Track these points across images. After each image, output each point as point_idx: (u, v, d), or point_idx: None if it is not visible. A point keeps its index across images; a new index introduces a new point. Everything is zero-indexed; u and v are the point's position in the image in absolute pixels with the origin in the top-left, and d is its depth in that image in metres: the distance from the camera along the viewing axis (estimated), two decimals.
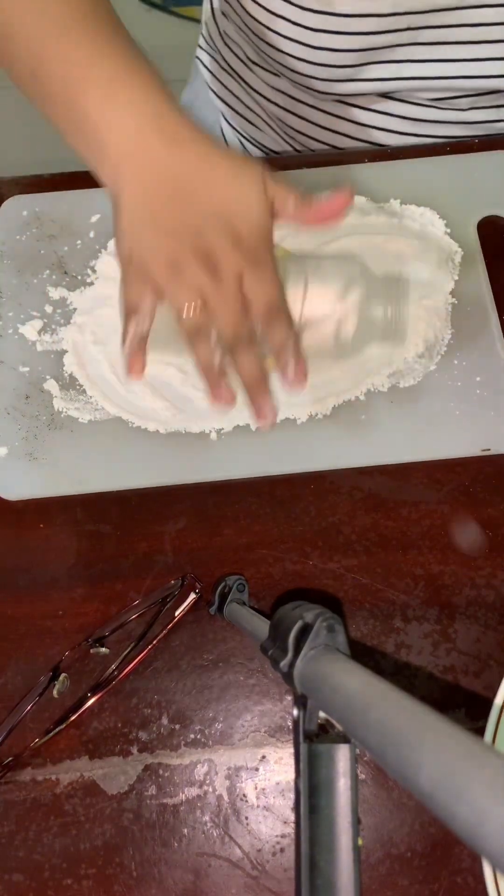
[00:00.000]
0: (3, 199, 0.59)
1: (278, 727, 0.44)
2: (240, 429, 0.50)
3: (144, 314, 0.44)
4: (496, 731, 0.39)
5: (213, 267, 0.42)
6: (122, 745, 0.44)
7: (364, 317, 0.47)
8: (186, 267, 0.42)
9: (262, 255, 0.43)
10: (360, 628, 0.46)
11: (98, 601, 0.47)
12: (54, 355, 0.53)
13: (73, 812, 0.42)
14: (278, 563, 0.47)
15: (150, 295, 0.44)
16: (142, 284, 0.43)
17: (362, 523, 0.48)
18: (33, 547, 0.48)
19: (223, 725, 0.44)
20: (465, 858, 0.41)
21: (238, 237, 0.42)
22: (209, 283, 0.42)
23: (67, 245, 0.57)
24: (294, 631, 0.32)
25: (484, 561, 0.47)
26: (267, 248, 0.44)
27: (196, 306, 0.42)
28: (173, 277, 0.42)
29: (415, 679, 0.44)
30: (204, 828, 0.42)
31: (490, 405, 0.50)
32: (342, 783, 0.28)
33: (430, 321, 0.52)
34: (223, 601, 0.44)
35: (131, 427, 0.50)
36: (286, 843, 0.42)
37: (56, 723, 0.43)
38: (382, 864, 0.41)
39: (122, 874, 0.41)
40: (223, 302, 0.43)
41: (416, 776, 0.22)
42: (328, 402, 0.50)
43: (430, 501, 0.49)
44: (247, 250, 0.43)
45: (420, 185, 0.57)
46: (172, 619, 0.45)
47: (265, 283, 0.43)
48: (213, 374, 0.44)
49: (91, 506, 0.49)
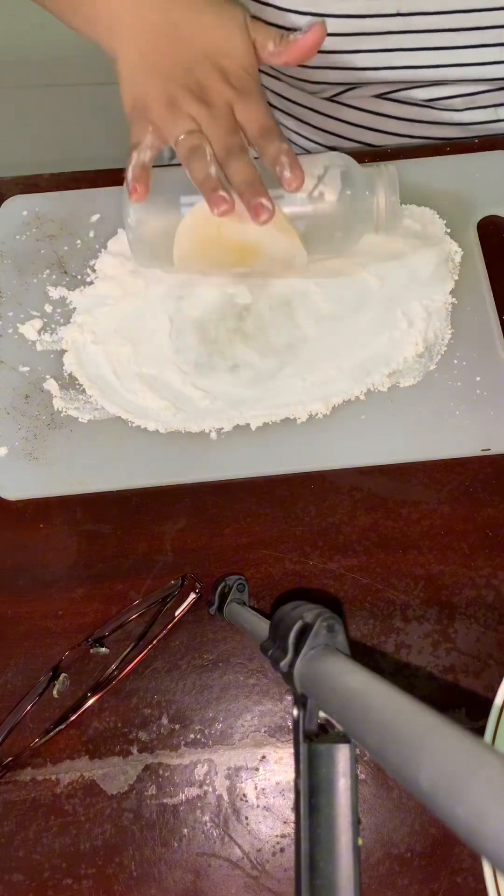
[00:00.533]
0: (3, 199, 0.59)
1: (278, 727, 0.44)
2: (240, 429, 0.50)
3: (146, 146, 0.47)
4: (496, 731, 0.39)
5: (206, 98, 0.46)
6: (121, 745, 0.44)
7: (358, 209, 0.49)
8: (182, 101, 0.46)
9: (250, 86, 0.47)
10: (359, 628, 0.46)
11: (98, 601, 0.47)
12: (54, 355, 0.53)
13: (73, 812, 0.42)
14: (278, 563, 0.47)
15: (151, 131, 0.47)
16: (144, 125, 0.47)
17: (362, 523, 0.48)
18: (33, 547, 0.48)
19: (223, 725, 0.44)
20: (465, 858, 0.41)
21: (226, 72, 0.47)
22: (203, 110, 0.46)
23: (67, 245, 0.57)
24: (294, 631, 0.32)
25: (484, 561, 0.47)
26: (254, 81, 0.47)
27: (191, 128, 0.46)
28: (171, 112, 0.46)
29: (415, 679, 0.44)
30: (204, 828, 0.42)
31: (490, 405, 0.50)
32: (342, 783, 0.28)
33: (430, 321, 0.52)
34: (223, 601, 0.44)
35: (131, 427, 0.50)
36: (286, 842, 0.41)
37: (56, 723, 0.43)
38: (382, 863, 0.41)
39: (121, 874, 0.41)
40: (215, 123, 0.46)
41: (415, 776, 0.22)
42: (328, 402, 0.50)
43: (430, 501, 0.49)
44: (236, 83, 0.46)
45: (420, 185, 0.57)
46: (172, 619, 0.45)
47: (255, 109, 0.46)
48: (210, 184, 0.45)
49: (91, 506, 0.49)
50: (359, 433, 0.49)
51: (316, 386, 0.50)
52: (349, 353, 0.51)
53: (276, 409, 0.50)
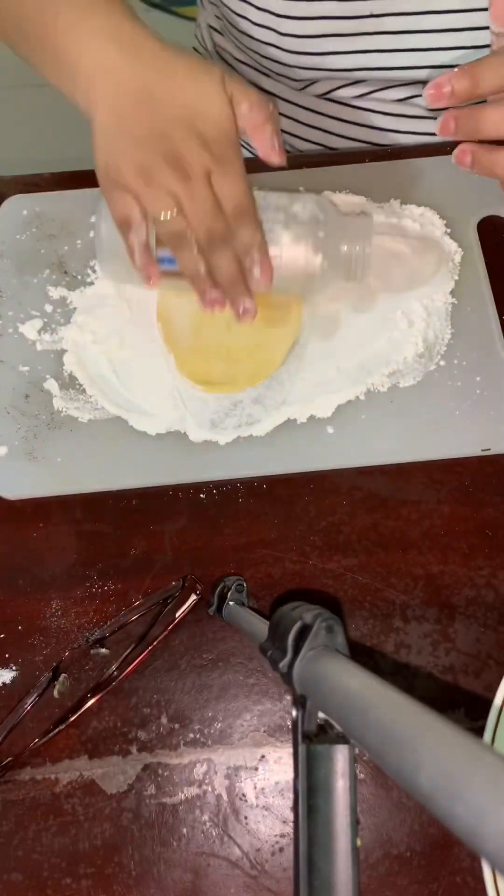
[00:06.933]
0: (3, 199, 0.59)
1: (277, 727, 0.44)
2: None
3: (139, 223, 0.45)
4: (495, 731, 0.39)
5: (182, 169, 0.44)
6: (121, 744, 0.44)
7: (329, 253, 0.47)
8: (157, 172, 0.44)
9: (227, 152, 0.44)
10: (359, 628, 0.46)
11: (98, 601, 0.47)
12: (54, 355, 0.53)
13: (73, 811, 0.42)
14: (278, 563, 0.47)
15: (134, 203, 0.45)
16: (122, 194, 0.45)
17: (362, 523, 0.48)
18: (33, 547, 0.48)
19: (222, 725, 0.44)
20: (465, 858, 0.41)
21: (203, 136, 0.44)
22: (180, 185, 0.44)
23: (67, 245, 0.57)
24: (293, 632, 0.32)
25: (484, 561, 0.47)
26: (232, 145, 0.45)
27: (171, 211, 0.44)
28: (146, 184, 0.44)
29: (414, 679, 0.44)
30: (203, 827, 0.42)
31: (490, 405, 0.50)
32: (341, 784, 0.28)
33: (430, 321, 0.52)
34: (222, 602, 0.44)
35: (131, 427, 0.50)
36: (285, 842, 0.42)
37: (56, 723, 0.43)
38: (381, 863, 0.41)
39: (121, 873, 0.41)
40: (195, 202, 0.44)
41: (415, 777, 0.22)
42: (328, 402, 0.50)
43: (430, 501, 0.49)
44: (213, 148, 0.44)
45: (420, 185, 0.57)
46: (172, 620, 0.45)
47: (233, 183, 0.44)
48: (200, 280, 0.44)
49: (91, 505, 0.49)
50: (359, 433, 0.49)
51: (316, 386, 0.50)
52: (349, 353, 0.51)
53: (277, 409, 0.50)
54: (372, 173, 0.58)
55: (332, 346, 0.52)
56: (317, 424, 0.50)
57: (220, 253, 0.44)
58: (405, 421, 0.49)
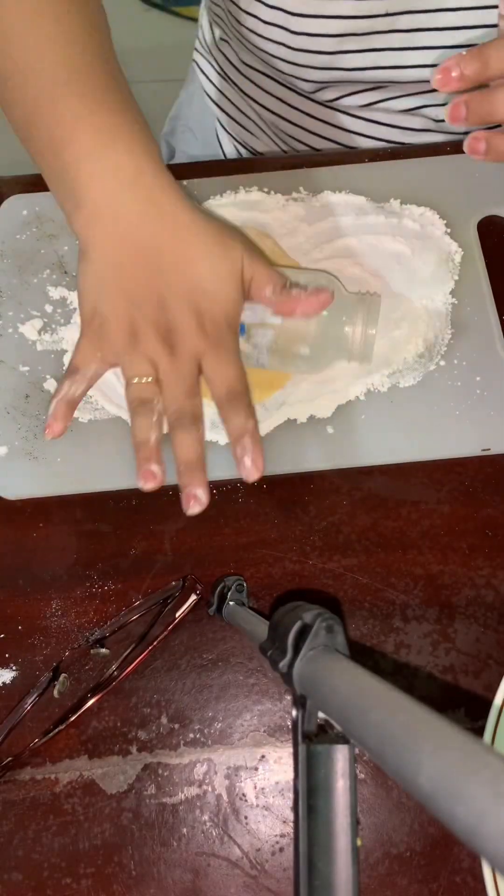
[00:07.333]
0: (3, 199, 0.59)
1: (277, 727, 0.44)
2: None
3: (83, 377, 0.43)
4: (495, 731, 0.39)
5: (172, 343, 0.42)
6: (121, 744, 0.44)
7: (332, 335, 0.46)
8: (145, 339, 0.42)
9: (225, 337, 0.42)
10: (359, 628, 0.46)
11: (98, 601, 0.47)
12: (54, 355, 0.53)
13: (73, 811, 0.42)
14: (278, 562, 0.47)
15: (98, 362, 0.43)
16: (94, 349, 0.43)
17: (362, 523, 0.48)
18: (33, 546, 0.48)
19: (222, 725, 0.44)
20: (465, 858, 0.41)
21: (202, 318, 0.42)
22: (164, 358, 0.42)
23: (67, 245, 0.57)
24: (293, 631, 0.32)
25: (484, 561, 0.47)
26: (231, 331, 0.43)
27: (147, 378, 0.42)
28: (130, 346, 0.42)
29: (414, 679, 0.44)
30: (203, 827, 0.42)
31: (490, 405, 0.50)
32: (341, 784, 0.28)
33: (430, 321, 0.52)
34: (222, 602, 0.44)
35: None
36: (285, 842, 0.42)
37: (56, 723, 0.43)
38: (382, 863, 0.41)
39: (121, 873, 0.41)
40: (174, 379, 0.42)
41: (415, 777, 0.22)
42: (328, 402, 0.50)
43: (430, 501, 0.49)
44: (210, 331, 0.42)
45: (420, 185, 0.57)
46: (172, 620, 0.45)
47: (226, 366, 0.42)
48: (146, 451, 0.42)
49: (91, 505, 0.49)
50: (359, 433, 0.49)
51: (316, 386, 0.50)
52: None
53: (277, 409, 0.50)
54: (372, 173, 0.58)
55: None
56: (317, 424, 0.50)
57: (186, 432, 0.41)
58: (405, 421, 0.50)
